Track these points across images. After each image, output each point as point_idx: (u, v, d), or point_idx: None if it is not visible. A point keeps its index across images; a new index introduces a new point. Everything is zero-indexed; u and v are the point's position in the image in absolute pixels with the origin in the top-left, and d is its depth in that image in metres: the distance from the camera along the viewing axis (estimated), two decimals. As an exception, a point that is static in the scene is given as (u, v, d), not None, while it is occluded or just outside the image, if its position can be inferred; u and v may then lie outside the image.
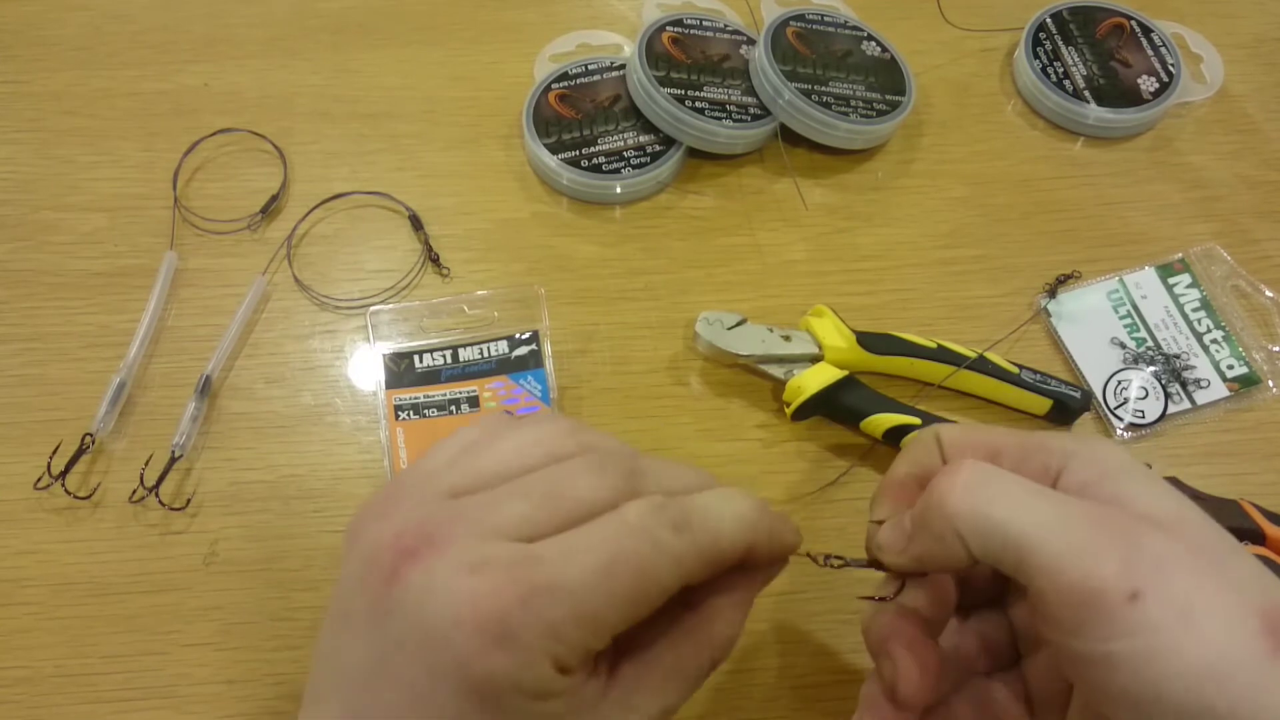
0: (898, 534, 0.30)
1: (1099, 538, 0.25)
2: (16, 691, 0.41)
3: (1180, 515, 0.26)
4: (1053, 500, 0.26)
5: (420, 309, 0.50)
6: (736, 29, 0.58)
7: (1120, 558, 0.24)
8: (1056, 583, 0.25)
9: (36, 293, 0.50)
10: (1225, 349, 0.49)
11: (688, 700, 0.29)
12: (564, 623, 0.25)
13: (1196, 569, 0.24)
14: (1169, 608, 0.24)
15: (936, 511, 0.27)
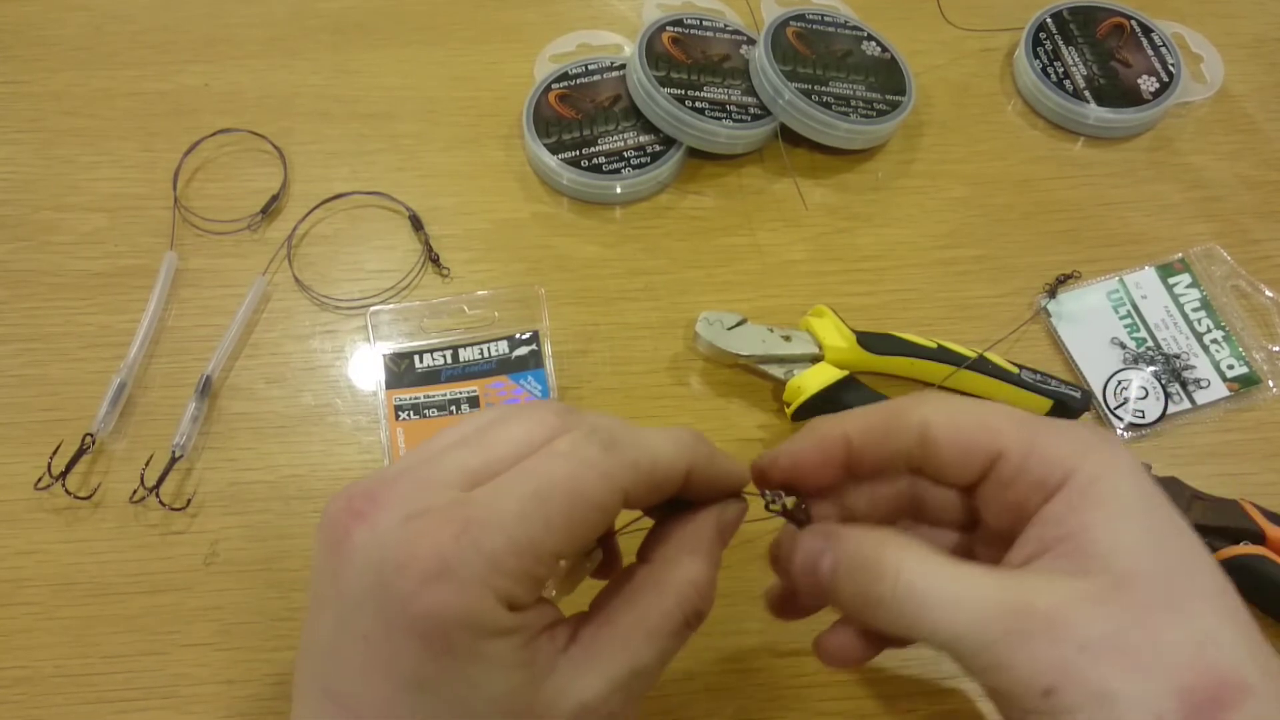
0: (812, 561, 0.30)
1: (1014, 643, 0.25)
2: (16, 691, 0.41)
3: (1134, 569, 0.25)
4: (978, 598, 0.26)
5: (420, 309, 0.50)
6: (736, 29, 0.58)
7: (1033, 660, 0.25)
8: (979, 677, 0.27)
9: (37, 293, 0.50)
10: (1225, 349, 0.49)
11: (663, 662, 0.28)
12: (501, 552, 0.25)
13: (1120, 652, 0.24)
14: (1084, 696, 0.24)
15: (857, 587, 0.28)
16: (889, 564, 0.27)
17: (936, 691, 0.41)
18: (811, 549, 0.30)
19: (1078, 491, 0.27)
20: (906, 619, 0.27)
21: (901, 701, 0.41)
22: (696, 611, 0.29)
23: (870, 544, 0.28)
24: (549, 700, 0.26)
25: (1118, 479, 0.27)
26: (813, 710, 0.41)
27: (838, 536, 0.29)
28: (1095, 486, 0.26)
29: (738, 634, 0.42)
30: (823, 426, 0.31)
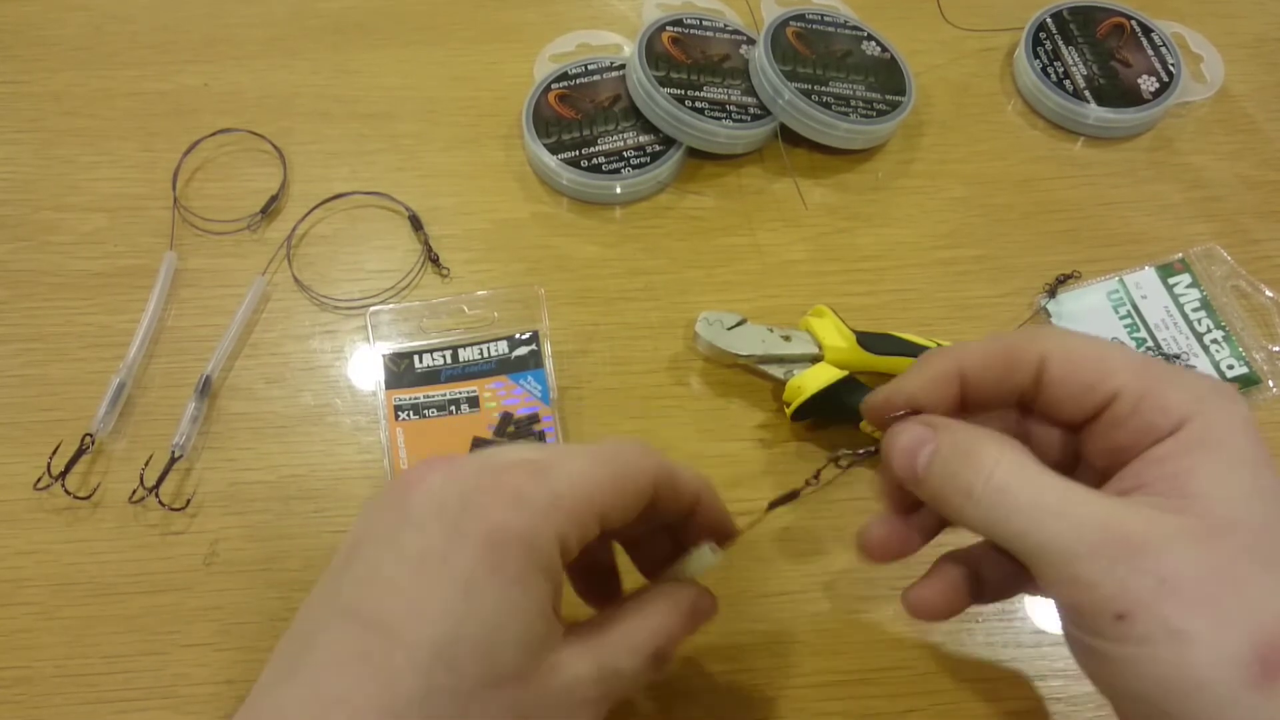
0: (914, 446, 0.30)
1: (1098, 562, 0.26)
2: (16, 691, 0.41)
3: (1234, 517, 0.26)
4: (1069, 511, 0.26)
5: (420, 309, 0.50)
6: (736, 29, 0.58)
7: (1113, 582, 0.25)
8: (1053, 590, 0.27)
9: (37, 293, 0.50)
10: (1225, 349, 0.49)
11: (635, 678, 0.31)
12: (566, 494, 0.28)
13: (1202, 593, 0.25)
14: (1157, 627, 0.25)
15: (950, 476, 0.29)
16: (988, 458, 0.28)
17: (937, 691, 0.41)
18: (915, 435, 0.30)
19: (1190, 437, 0.27)
20: (994, 517, 0.27)
21: (901, 701, 0.41)
22: (667, 651, 0.32)
23: (971, 436, 0.29)
24: (551, 665, 0.28)
25: (1231, 431, 0.27)
26: (812, 710, 0.41)
27: (942, 426, 0.30)
28: (1208, 435, 0.27)
29: (738, 634, 0.42)
30: (938, 361, 0.31)
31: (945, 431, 0.30)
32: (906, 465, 0.30)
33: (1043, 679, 0.41)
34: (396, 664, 0.26)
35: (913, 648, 0.42)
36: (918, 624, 0.43)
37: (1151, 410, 0.27)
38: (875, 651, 0.42)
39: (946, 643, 0.42)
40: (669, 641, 0.32)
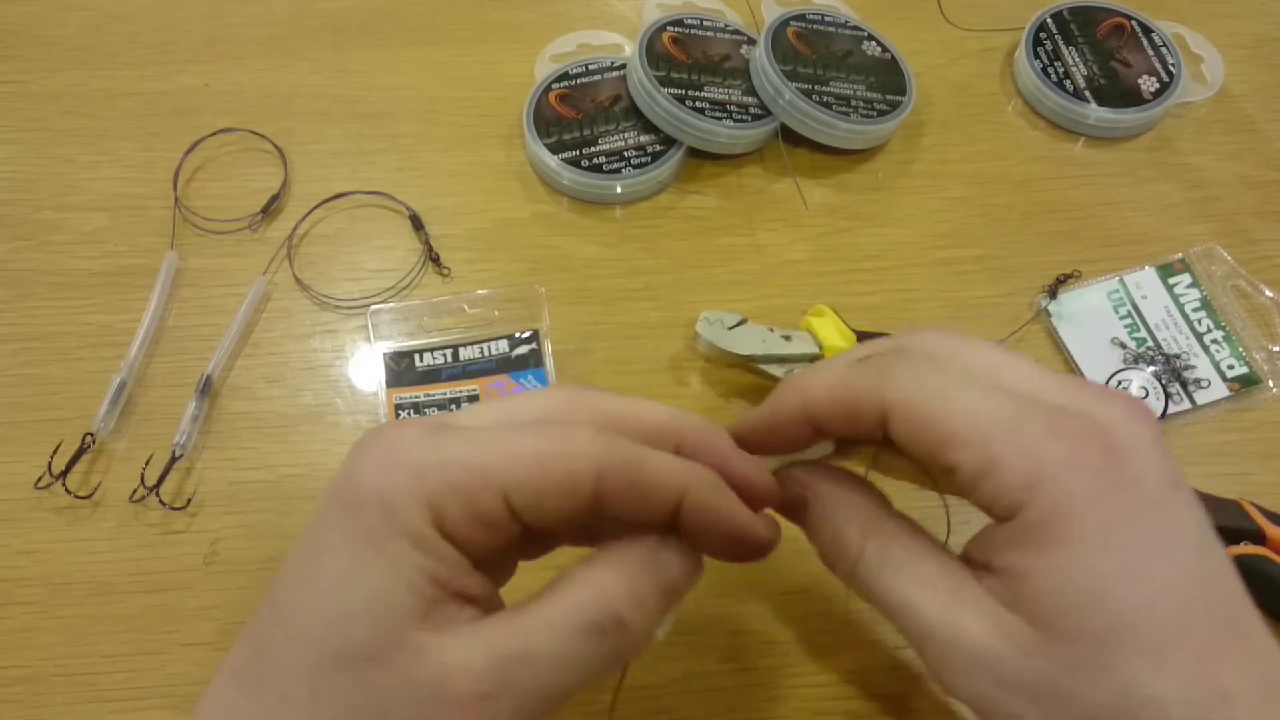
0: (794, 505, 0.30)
1: (944, 663, 0.26)
2: (16, 691, 0.41)
3: (1065, 622, 0.25)
4: (921, 607, 0.27)
5: (421, 308, 0.50)
6: (737, 29, 0.58)
7: (960, 688, 0.26)
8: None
9: (37, 292, 0.50)
10: (1225, 349, 0.49)
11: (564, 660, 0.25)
12: (453, 462, 0.25)
13: (1039, 696, 0.25)
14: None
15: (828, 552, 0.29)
16: (851, 546, 0.28)
17: (937, 691, 0.41)
18: (795, 497, 0.30)
19: (1024, 528, 0.25)
20: (861, 596, 0.29)
21: (901, 701, 0.41)
22: (612, 616, 0.25)
23: (837, 513, 0.29)
24: (417, 646, 0.24)
25: (1072, 518, 0.24)
26: (812, 710, 0.41)
27: (812, 493, 0.30)
28: (1043, 526, 0.25)
29: (738, 634, 0.42)
30: (785, 404, 0.29)
31: (814, 501, 0.30)
32: (790, 513, 0.30)
33: (1043, 679, 0.41)
34: (273, 640, 0.26)
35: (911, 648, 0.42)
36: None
37: (988, 490, 0.25)
38: (875, 651, 0.42)
39: (947, 642, 0.42)
40: (607, 608, 0.25)
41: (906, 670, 0.42)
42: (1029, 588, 0.25)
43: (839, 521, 0.29)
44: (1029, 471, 0.25)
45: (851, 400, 0.28)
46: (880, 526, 0.28)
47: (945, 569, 0.27)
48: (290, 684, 0.25)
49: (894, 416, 0.27)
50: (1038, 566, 0.25)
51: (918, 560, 0.27)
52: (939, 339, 0.28)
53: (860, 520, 0.29)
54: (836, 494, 0.30)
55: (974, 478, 0.25)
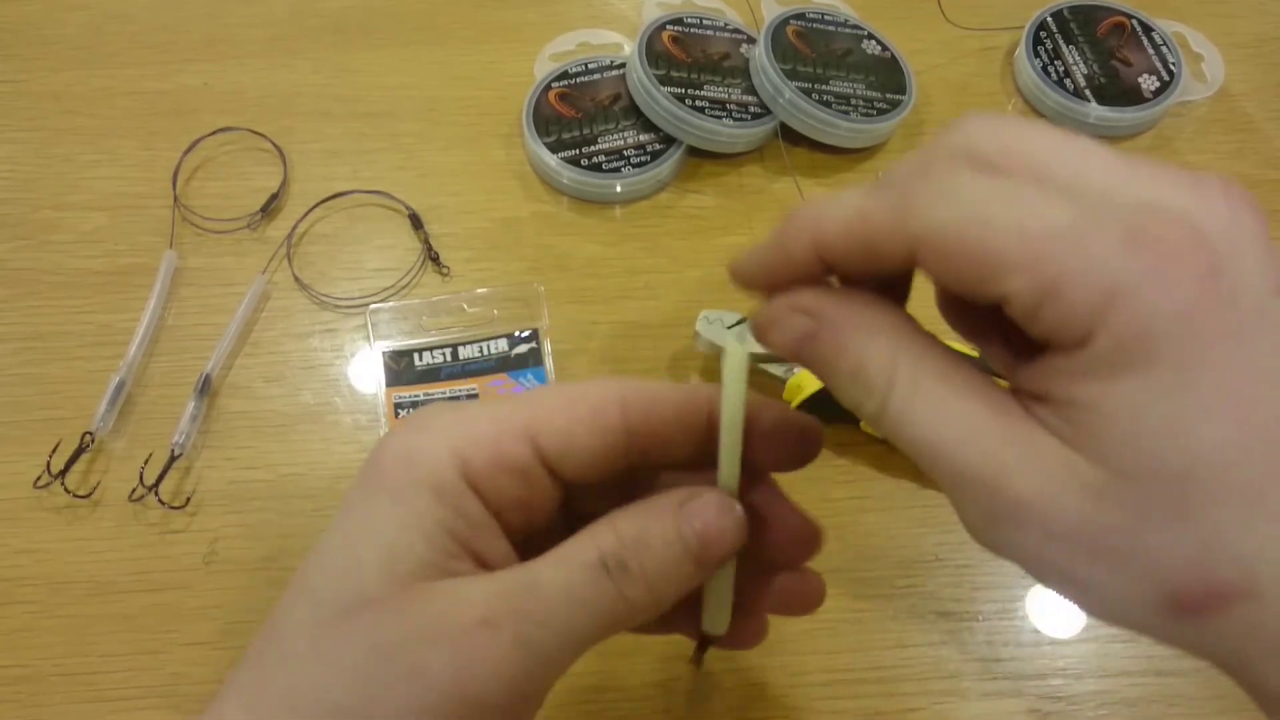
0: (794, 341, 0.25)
1: (985, 531, 0.22)
2: (15, 690, 0.41)
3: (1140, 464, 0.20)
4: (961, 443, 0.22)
5: (420, 307, 0.50)
6: (737, 28, 0.58)
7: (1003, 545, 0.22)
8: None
9: (36, 291, 0.50)
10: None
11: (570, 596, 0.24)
12: (480, 417, 0.25)
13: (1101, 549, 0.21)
14: (1059, 574, 0.22)
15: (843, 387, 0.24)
16: (879, 376, 0.23)
17: (937, 691, 0.41)
18: (793, 330, 0.24)
19: (1096, 354, 0.20)
20: (893, 439, 0.23)
21: (901, 701, 0.41)
22: (615, 556, 0.24)
23: (857, 338, 0.23)
24: (427, 590, 0.23)
25: (1156, 339, 0.20)
26: (813, 710, 0.41)
27: (822, 316, 0.24)
28: (1120, 350, 0.20)
29: (738, 633, 0.42)
30: (794, 239, 0.24)
31: (827, 328, 0.24)
32: (792, 359, 0.25)
33: (1043, 679, 0.41)
34: (283, 607, 0.25)
35: (913, 647, 0.42)
36: (918, 624, 0.43)
37: (1050, 318, 0.20)
38: (875, 651, 0.42)
39: (947, 642, 0.42)
40: (610, 548, 0.24)
41: (907, 670, 0.42)
42: (1097, 421, 0.20)
43: (863, 345, 0.23)
44: (1102, 289, 0.20)
45: (870, 236, 0.23)
46: (913, 348, 0.23)
47: (992, 401, 0.22)
48: (292, 643, 0.24)
49: (924, 250, 0.22)
50: (1111, 396, 0.20)
51: (959, 389, 0.22)
52: (973, 133, 0.22)
53: (889, 343, 0.23)
54: (857, 313, 0.24)
55: (1032, 307, 0.20)
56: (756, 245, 0.25)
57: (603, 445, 0.25)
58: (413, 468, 0.24)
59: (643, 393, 0.26)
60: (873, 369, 0.23)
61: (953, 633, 0.42)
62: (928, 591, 0.43)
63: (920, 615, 0.43)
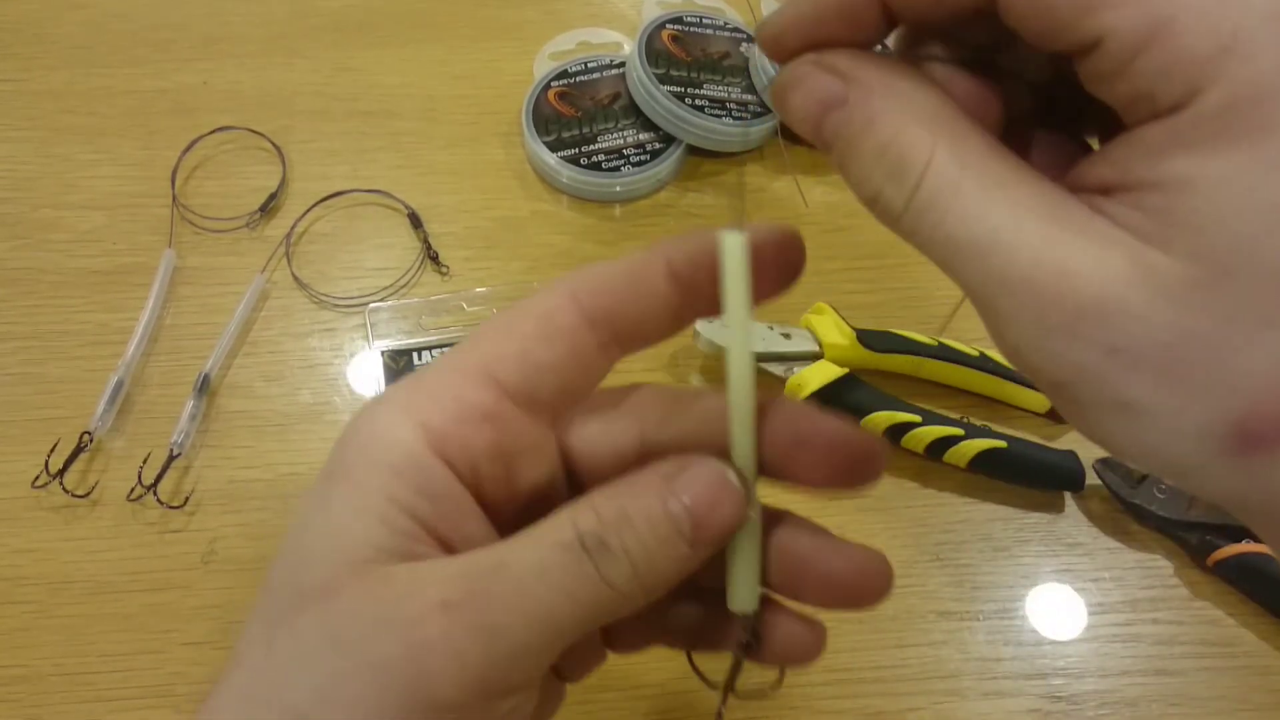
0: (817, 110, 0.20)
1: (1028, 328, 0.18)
2: (14, 690, 0.41)
3: (1236, 257, 0.17)
4: (1007, 236, 0.18)
5: (419, 307, 0.50)
6: (736, 26, 0.58)
7: (1052, 357, 0.18)
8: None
9: (35, 291, 0.50)
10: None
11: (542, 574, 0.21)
12: (433, 372, 0.22)
13: (1171, 362, 0.18)
14: (1104, 399, 0.18)
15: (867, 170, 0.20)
16: (917, 154, 0.19)
17: (937, 691, 0.41)
18: (819, 93, 0.20)
19: (1201, 117, 0.16)
20: (923, 238, 0.19)
21: (901, 701, 0.41)
22: (592, 534, 0.21)
23: (894, 111, 0.19)
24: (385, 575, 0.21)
25: (1277, 101, 0.16)
26: (813, 710, 0.41)
27: (855, 81, 0.20)
28: (1232, 112, 0.16)
29: (737, 633, 0.42)
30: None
31: (859, 92, 0.20)
32: (810, 130, 0.21)
33: (1043, 678, 0.41)
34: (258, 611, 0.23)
35: (913, 647, 0.42)
36: (918, 624, 0.43)
37: (1150, 68, 0.17)
38: (875, 651, 0.42)
39: (947, 642, 0.42)
40: (588, 525, 0.21)
41: (907, 670, 0.42)
42: (1192, 203, 0.17)
43: (899, 117, 0.19)
44: (1223, 32, 0.16)
45: None
46: (957, 126, 0.19)
47: (1048, 193, 0.19)
48: (249, 645, 0.22)
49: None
50: (1212, 170, 0.16)
51: (1008, 178, 0.19)
52: None
53: (930, 117, 0.19)
54: (897, 81, 0.20)
55: (1131, 49, 0.17)
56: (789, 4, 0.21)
57: (567, 352, 0.23)
58: (369, 448, 0.22)
59: (589, 277, 0.23)
60: (908, 145, 0.19)
61: (953, 633, 0.42)
62: (928, 591, 0.43)
63: (920, 615, 0.43)
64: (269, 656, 0.21)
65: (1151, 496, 0.43)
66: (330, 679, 0.20)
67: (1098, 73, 0.18)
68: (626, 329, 0.23)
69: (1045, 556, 0.44)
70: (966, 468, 0.45)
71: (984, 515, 0.45)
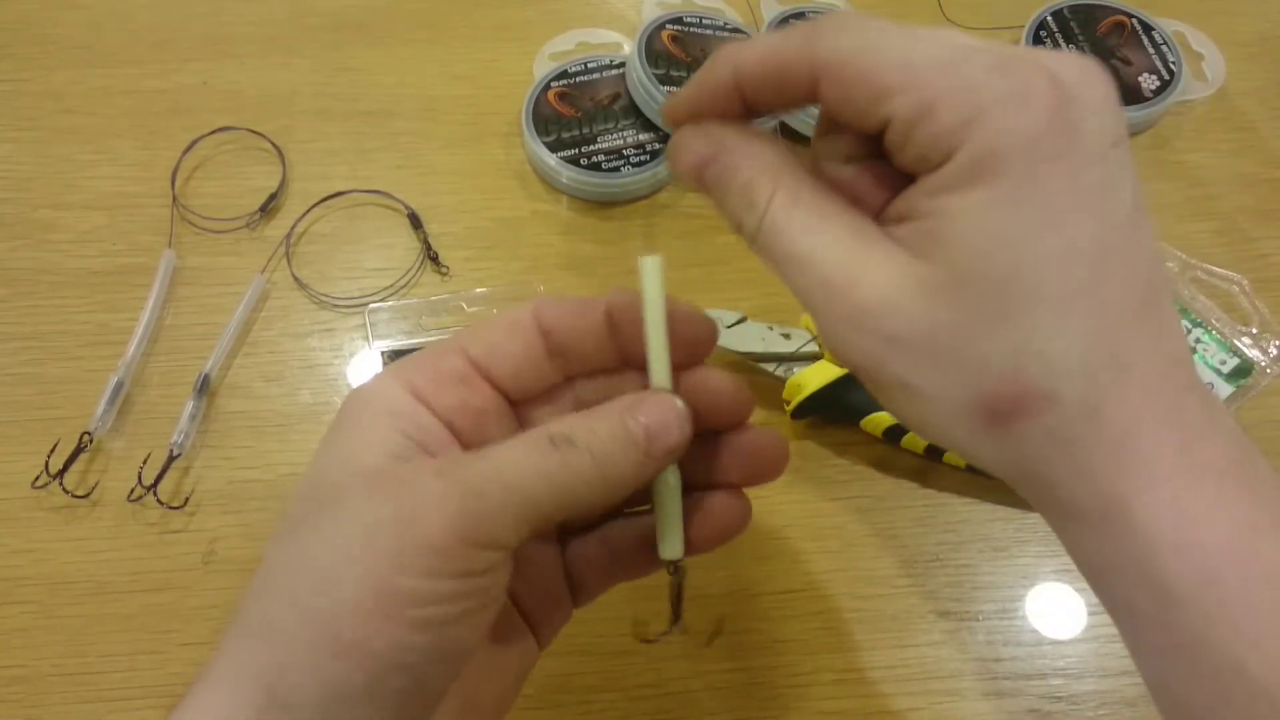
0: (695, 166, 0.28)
1: (832, 324, 0.25)
2: (14, 690, 0.41)
3: (974, 267, 0.23)
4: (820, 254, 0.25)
5: (419, 307, 0.50)
6: (736, 27, 0.58)
7: (845, 342, 0.25)
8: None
9: (35, 291, 0.50)
10: (1211, 345, 0.49)
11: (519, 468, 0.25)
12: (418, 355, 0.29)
13: (931, 349, 0.24)
14: (892, 381, 0.25)
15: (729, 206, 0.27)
16: (761, 193, 0.26)
17: (937, 691, 0.41)
18: (694, 155, 0.27)
19: (956, 167, 0.23)
20: (767, 252, 0.27)
21: (902, 701, 0.41)
22: (562, 433, 0.26)
23: (747, 161, 0.26)
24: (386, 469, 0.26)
25: (1005, 155, 0.22)
26: (813, 710, 0.41)
27: (722, 145, 0.27)
28: (974, 164, 0.22)
29: (738, 634, 0.42)
30: (715, 72, 0.27)
31: (725, 153, 0.27)
32: (694, 179, 0.28)
33: (1043, 678, 0.41)
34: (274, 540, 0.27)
35: (912, 647, 0.42)
36: (918, 625, 0.43)
37: (924, 137, 0.23)
38: (875, 651, 0.42)
39: (946, 642, 0.42)
40: (558, 427, 0.26)
41: (906, 670, 0.42)
42: (944, 226, 0.23)
43: (752, 167, 0.26)
44: (969, 106, 0.22)
45: (782, 62, 0.25)
46: (794, 174, 0.26)
47: (853, 222, 0.25)
48: (275, 548, 0.26)
49: (824, 75, 0.24)
50: (959, 204, 0.23)
51: (826, 210, 0.25)
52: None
53: (773, 167, 0.26)
54: (750, 142, 0.27)
55: (909, 125, 0.23)
56: (686, 84, 0.28)
57: (523, 348, 0.29)
58: (369, 401, 0.27)
59: (551, 302, 0.29)
60: (757, 189, 0.26)
61: (953, 633, 0.42)
62: (928, 591, 0.43)
63: (920, 615, 0.43)
64: (293, 541, 0.25)
65: (1151, 496, 0.44)
66: (343, 541, 0.24)
67: (891, 143, 0.24)
68: (571, 345, 0.29)
69: (1045, 556, 0.44)
70: (966, 468, 0.45)
71: (984, 515, 0.45)
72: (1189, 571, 0.22)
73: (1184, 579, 0.22)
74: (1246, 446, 0.24)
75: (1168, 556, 0.23)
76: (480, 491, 0.24)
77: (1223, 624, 0.22)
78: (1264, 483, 0.23)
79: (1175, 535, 0.22)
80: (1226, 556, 0.22)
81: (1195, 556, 0.22)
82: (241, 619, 0.25)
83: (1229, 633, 0.22)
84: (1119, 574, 0.24)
